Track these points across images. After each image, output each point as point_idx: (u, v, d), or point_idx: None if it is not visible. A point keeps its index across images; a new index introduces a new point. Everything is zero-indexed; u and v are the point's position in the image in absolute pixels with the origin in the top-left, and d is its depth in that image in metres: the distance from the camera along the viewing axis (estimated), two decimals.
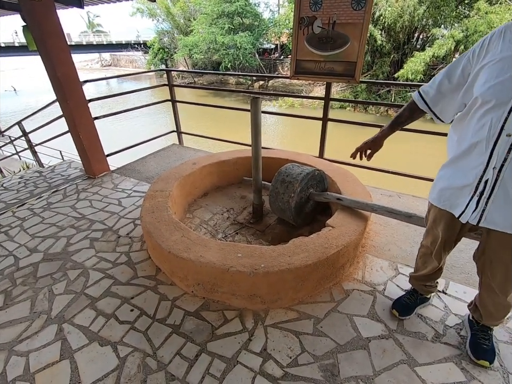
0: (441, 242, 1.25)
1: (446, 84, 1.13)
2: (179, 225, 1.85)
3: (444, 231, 1.21)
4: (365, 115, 14.51)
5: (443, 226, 1.20)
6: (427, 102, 1.21)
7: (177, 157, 3.61)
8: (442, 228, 1.21)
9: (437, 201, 1.17)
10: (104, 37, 33.69)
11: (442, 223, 1.20)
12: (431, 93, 1.19)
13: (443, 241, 1.25)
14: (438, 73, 1.18)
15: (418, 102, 1.25)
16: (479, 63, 0.98)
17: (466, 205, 1.04)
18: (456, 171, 1.08)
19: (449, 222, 1.17)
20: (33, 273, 1.90)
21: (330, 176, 2.38)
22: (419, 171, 2.93)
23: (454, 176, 1.09)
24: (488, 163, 0.96)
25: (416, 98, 1.25)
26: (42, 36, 2.37)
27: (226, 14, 18.09)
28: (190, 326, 1.53)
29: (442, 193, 1.14)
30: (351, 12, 2.30)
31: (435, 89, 1.17)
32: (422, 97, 1.23)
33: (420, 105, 1.25)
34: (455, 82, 1.10)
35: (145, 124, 13.70)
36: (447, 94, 1.14)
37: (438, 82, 1.16)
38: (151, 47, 24.27)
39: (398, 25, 12.95)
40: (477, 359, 1.32)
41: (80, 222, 2.39)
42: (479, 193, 1.00)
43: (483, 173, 0.98)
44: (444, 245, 1.26)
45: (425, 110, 1.24)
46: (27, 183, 3.19)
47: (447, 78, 1.12)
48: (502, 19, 10.37)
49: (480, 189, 1.00)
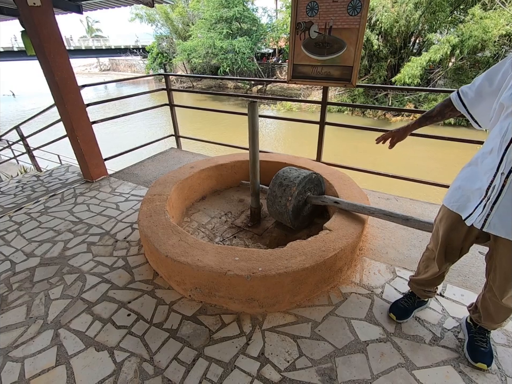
0: (443, 243, 1.24)
1: (487, 87, 1.09)
2: (176, 229, 1.84)
3: (446, 231, 1.20)
4: (362, 119, 14.61)
5: (445, 226, 1.20)
6: (465, 104, 1.18)
7: (175, 161, 3.62)
8: (445, 227, 1.20)
9: (447, 202, 1.17)
10: (103, 42, 33.85)
11: (447, 223, 1.19)
12: (470, 94, 1.16)
13: (445, 243, 1.23)
14: (479, 76, 1.14)
15: (456, 102, 1.21)
16: None
17: (475, 208, 1.04)
18: (471, 174, 1.08)
19: (454, 223, 1.16)
20: (29, 278, 1.89)
21: (328, 179, 2.39)
22: (417, 174, 2.95)
23: (468, 178, 1.09)
24: (498, 168, 0.96)
25: (454, 98, 1.21)
26: (40, 41, 2.38)
27: (225, 19, 18.25)
28: (187, 330, 1.52)
29: (454, 193, 1.14)
30: (347, 17, 2.33)
31: (474, 91, 1.14)
32: (460, 98, 1.19)
33: (457, 107, 1.20)
34: (495, 86, 1.06)
35: (142, 127, 13.75)
36: (486, 97, 1.10)
37: (479, 84, 1.12)
38: (150, 52, 24.40)
39: (394, 30, 13.11)
40: (474, 361, 1.32)
41: (77, 226, 2.39)
42: (488, 198, 1.00)
43: (493, 177, 0.98)
44: (445, 247, 1.25)
45: (462, 111, 1.20)
46: (24, 187, 3.18)
47: (488, 81, 1.09)
48: (497, 24, 10.52)
49: (489, 194, 0.99)
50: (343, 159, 2.77)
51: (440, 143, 9.15)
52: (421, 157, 9.77)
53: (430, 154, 9.84)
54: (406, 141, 1.56)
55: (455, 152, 9.16)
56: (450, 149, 9.30)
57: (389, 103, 14.08)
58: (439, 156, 9.47)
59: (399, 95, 13.90)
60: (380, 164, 8.97)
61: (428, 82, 13.76)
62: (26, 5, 2.25)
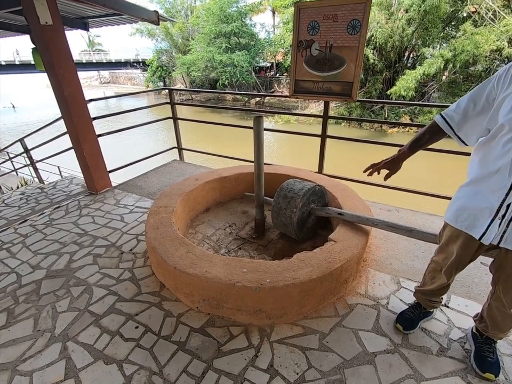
0: (455, 260, 1.27)
1: (472, 109, 1.15)
2: (184, 240, 1.87)
3: (460, 249, 1.23)
4: (359, 130, 14.84)
5: (459, 245, 1.22)
6: (452, 127, 1.23)
7: (178, 173, 3.66)
8: (459, 246, 1.23)
9: (454, 222, 1.20)
10: (104, 56, 34.41)
11: (459, 241, 1.22)
12: (456, 117, 1.21)
13: (458, 259, 1.27)
14: (462, 98, 1.21)
15: (443, 126, 1.26)
16: (504, 91, 1.02)
17: (487, 227, 1.08)
18: (476, 193, 1.12)
19: (466, 242, 1.20)
20: (36, 291, 1.89)
21: (331, 191, 2.44)
22: (417, 186, 3.01)
23: (473, 198, 1.13)
24: (511, 187, 1.00)
25: (441, 122, 1.27)
26: (51, 58, 2.45)
27: (224, 34, 18.72)
28: (195, 342, 1.53)
29: (459, 213, 1.17)
30: (347, 36, 2.43)
31: (461, 114, 1.19)
32: (446, 122, 1.25)
33: (446, 130, 1.26)
34: (480, 108, 1.12)
35: (143, 138, 13.84)
36: (472, 118, 1.16)
37: (464, 107, 1.18)
38: (150, 65, 24.86)
39: (388, 45, 13.52)
40: (482, 372, 1.33)
41: (82, 238, 2.40)
42: (501, 216, 1.04)
43: (505, 196, 1.02)
44: (457, 263, 1.29)
45: (451, 134, 1.26)
46: (28, 200, 3.19)
47: (472, 103, 1.15)
48: (487, 40, 10.90)
49: (502, 212, 1.04)
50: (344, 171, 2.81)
51: (436, 154, 9.31)
52: (419, 167, 9.90)
53: (428, 164, 9.97)
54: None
55: (450, 164, 9.31)
56: (447, 160, 9.46)
57: (385, 115, 14.36)
58: (438, 166, 9.60)
59: (394, 107, 14.19)
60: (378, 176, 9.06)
61: (422, 95, 14.09)
62: (38, 24, 2.33)
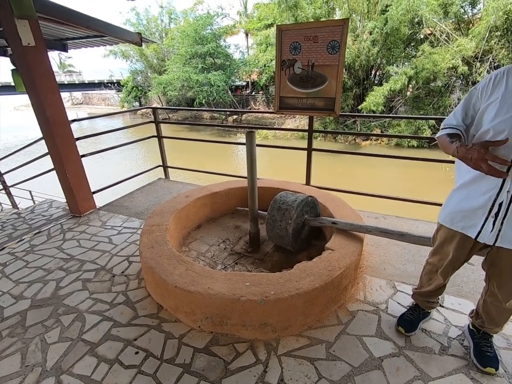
0: (451, 260, 1.35)
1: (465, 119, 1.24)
2: (181, 258, 1.83)
3: (455, 250, 1.31)
4: (334, 143, 15.43)
5: (455, 246, 1.30)
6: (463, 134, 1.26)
7: (165, 191, 3.61)
8: (454, 247, 1.31)
9: (449, 223, 1.29)
10: (76, 77, 33.78)
11: (454, 242, 1.30)
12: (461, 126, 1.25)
13: (453, 260, 1.35)
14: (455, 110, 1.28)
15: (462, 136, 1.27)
16: (486, 100, 1.12)
17: (482, 226, 1.17)
18: (468, 195, 1.21)
19: (462, 242, 1.28)
20: (21, 323, 1.75)
21: (321, 201, 2.50)
22: (396, 194, 3.17)
23: (465, 199, 1.21)
24: (501, 187, 1.09)
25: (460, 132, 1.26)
26: (34, 79, 2.39)
27: (199, 55, 19.09)
28: (201, 363, 1.47)
29: (454, 215, 1.26)
30: (327, 55, 2.59)
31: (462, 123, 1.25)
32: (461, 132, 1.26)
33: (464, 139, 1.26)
34: (470, 116, 1.23)
35: (121, 159, 13.52)
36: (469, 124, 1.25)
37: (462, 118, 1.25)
38: (125, 86, 24.65)
39: (356, 64, 14.42)
40: (483, 367, 1.39)
41: (69, 263, 2.27)
42: (494, 215, 1.13)
43: (497, 196, 1.11)
44: (453, 263, 1.37)
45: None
46: (4, 226, 2.99)
47: (465, 113, 1.24)
48: (444, 58, 11.95)
49: (494, 211, 1.12)
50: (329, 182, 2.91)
51: (406, 163, 9.85)
52: (394, 177, 10.39)
53: (401, 174, 10.50)
54: (375, 163, 1.69)
55: (422, 172, 9.87)
56: (417, 169, 10.03)
57: (358, 129, 15.07)
58: (411, 176, 10.12)
59: (366, 121, 14.95)
60: (357, 185, 9.41)
61: (390, 110, 14.99)
62: (20, 45, 2.29)
